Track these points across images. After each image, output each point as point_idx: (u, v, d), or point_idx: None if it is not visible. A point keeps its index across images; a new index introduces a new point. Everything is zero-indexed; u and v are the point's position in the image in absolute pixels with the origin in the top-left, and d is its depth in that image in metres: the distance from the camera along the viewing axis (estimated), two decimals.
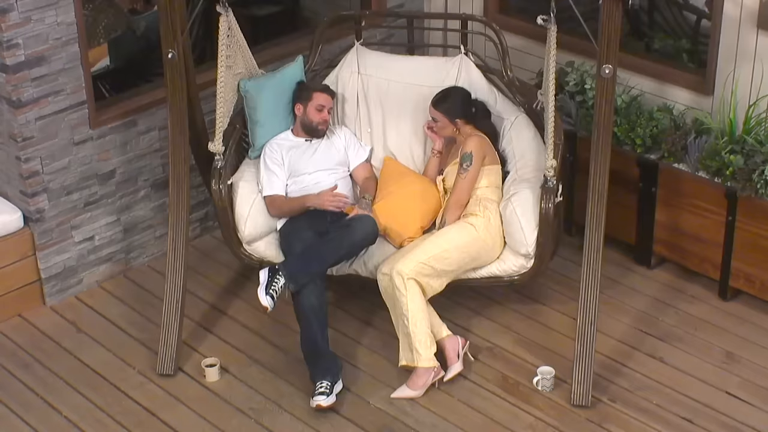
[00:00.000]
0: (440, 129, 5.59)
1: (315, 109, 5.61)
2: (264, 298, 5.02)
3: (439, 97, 5.58)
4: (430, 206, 5.54)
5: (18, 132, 5.47)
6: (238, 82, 5.60)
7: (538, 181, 5.28)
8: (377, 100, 5.92)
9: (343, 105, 5.93)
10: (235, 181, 5.50)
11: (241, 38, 5.53)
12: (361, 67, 5.96)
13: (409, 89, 5.88)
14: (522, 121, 5.71)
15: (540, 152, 5.50)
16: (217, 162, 5.40)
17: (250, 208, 5.46)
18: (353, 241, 5.24)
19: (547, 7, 4.98)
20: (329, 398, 5.06)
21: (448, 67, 5.87)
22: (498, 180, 5.49)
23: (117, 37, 5.55)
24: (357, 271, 5.44)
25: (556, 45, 5.03)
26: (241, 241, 5.52)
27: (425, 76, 5.88)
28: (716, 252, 5.70)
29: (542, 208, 5.16)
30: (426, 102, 5.73)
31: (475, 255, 5.29)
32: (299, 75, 5.77)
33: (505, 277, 5.41)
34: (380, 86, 5.92)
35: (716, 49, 5.76)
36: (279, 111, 5.68)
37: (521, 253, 5.31)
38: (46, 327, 5.71)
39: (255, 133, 5.67)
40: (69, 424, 5.07)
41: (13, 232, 5.66)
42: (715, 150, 5.58)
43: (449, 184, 5.49)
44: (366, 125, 5.92)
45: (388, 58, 6.01)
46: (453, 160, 5.51)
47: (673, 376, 5.29)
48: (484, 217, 5.31)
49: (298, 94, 5.68)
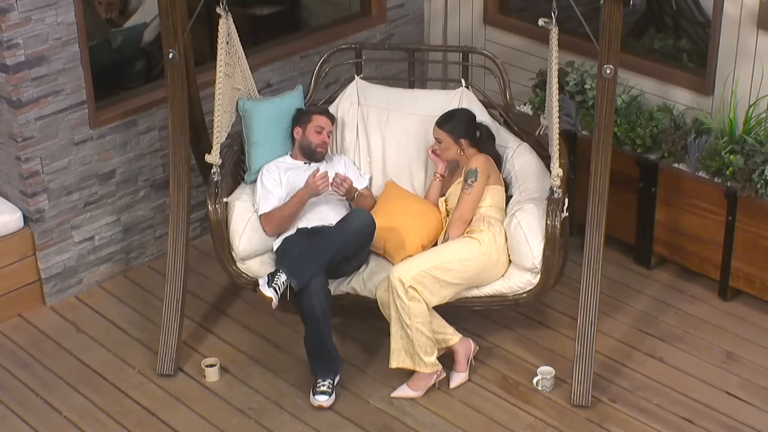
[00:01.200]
0: (444, 150, 5.48)
1: (314, 131, 5.57)
2: (267, 290, 4.93)
3: (444, 118, 5.50)
4: (431, 225, 5.45)
5: (18, 132, 5.47)
6: (236, 100, 5.58)
7: (543, 200, 5.21)
8: (377, 130, 5.86)
9: (342, 134, 5.88)
10: (231, 201, 5.42)
11: (240, 49, 5.50)
12: (361, 98, 5.90)
13: (409, 118, 5.83)
14: (524, 149, 5.64)
15: (543, 177, 5.43)
16: (213, 175, 5.35)
17: (246, 225, 5.36)
18: (349, 232, 5.15)
19: (547, 6, 4.97)
20: (331, 398, 5.10)
21: (449, 98, 5.80)
22: (502, 201, 5.39)
23: (92, 46, 5.62)
24: (355, 289, 5.33)
25: (558, 47, 5.02)
26: (235, 259, 5.40)
27: (425, 106, 5.81)
28: (716, 252, 5.70)
29: (549, 220, 5.08)
30: (427, 131, 5.67)
31: (479, 270, 5.16)
32: (298, 103, 5.74)
33: (510, 295, 5.27)
34: (380, 116, 5.87)
35: (716, 49, 5.76)
36: (277, 135, 5.64)
37: (527, 268, 5.19)
38: (46, 327, 5.71)
39: (252, 155, 5.60)
40: (69, 424, 5.07)
41: (13, 232, 5.66)
42: (715, 150, 5.58)
43: (451, 205, 5.40)
44: (365, 154, 5.86)
45: (388, 91, 5.96)
46: (456, 180, 5.44)
47: (673, 376, 5.29)
48: (489, 232, 5.19)
49: (297, 118, 5.65)
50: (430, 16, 7.10)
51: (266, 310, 5.65)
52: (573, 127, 6.06)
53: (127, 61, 6.61)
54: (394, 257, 5.36)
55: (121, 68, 6.61)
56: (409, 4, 6.95)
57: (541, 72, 6.17)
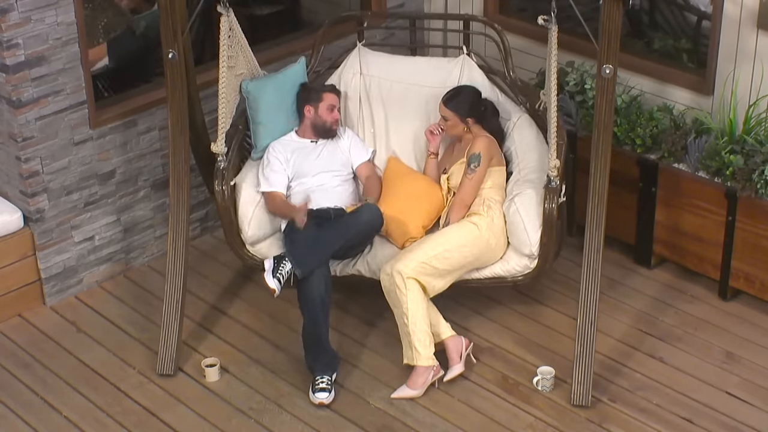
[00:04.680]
0: (450, 128, 5.54)
1: (327, 110, 5.61)
2: (271, 280, 5.01)
3: (449, 95, 5.55)
4: (433, 205, 5.54)
5: (18, 132, 5.47)
6: (240, 83, 5.60)
7: (541, 182, 5.27)
8: (379, 101, 5.91)
9: (345, 106, 5.92)
10: (239, 182, 5.49)
11: (242, 38, 5.53)
12: (363, 68, 5.95)
13: (411, 89, 5.88)
14: (524, 121, 5.70)
15: (542, 152, 5.49)
16: (219, 163, 5.39)
17: (254, 209, 5.44)
18: (358, 225, 5.24)
19: (547, 6, 4.97)
20: (330, 395, 5.12)
21: (451, 67, 5.87)
22: (502, 181, 5.48)
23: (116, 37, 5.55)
24: (360, 271, 5.43)
25: (557, 45, 5.03)
26: (245, 243, 5.50)
27: (427, 76, 5.88)
28: (716, 252, 5.70)
29: (545, 209, 5.15)
30: (428, 102, 5.72)
31: (478, 254, 5.28)
32: (301, 76, 5.76)
33: (508, 278, 5.41)
34: (382, 87, 5.92)
35: (716, 49, 5.76)
36: (282, 111, 5.68)
37: (524, 254, 5.30)
38: (46, 327, 5.71)
39: (257, 133, 5.66)
40: (69, 424, 5.07)
41: (13, 232, 5.66)
42: (715, 150, 5.58)
43: (453, 183, 5.49)
44: (369, 126, 5.91)
45: (390, 59, 6.00)
46: (459, 159, 5.50)
47: (673, 376, 5.29)
48: (487, 217, 5.30)
49: (305, 96, 5.66)
50: None
51: (266, 310, 5.69)
52: (573, 127, 6.06)
53: (152, 46, 6.40)
54: (397, 240, 5.44)
55: (147, 54, 6.48)
56: (409, 5, 6.94)
57: (541, 72, 6.17)
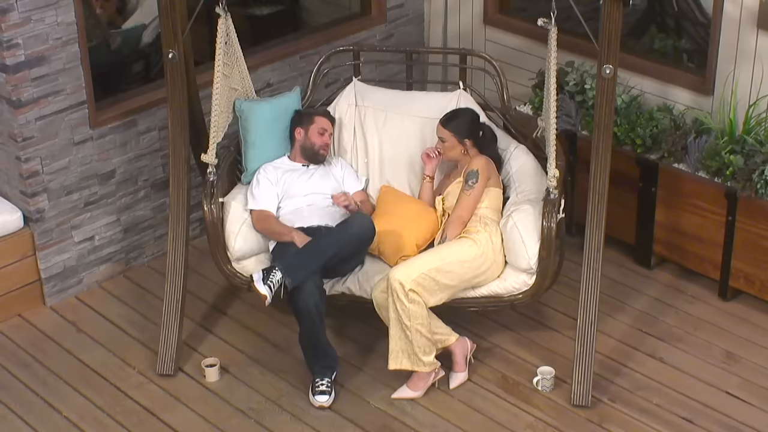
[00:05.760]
0: (447, 150, 5.46)
1: (317, 133, 5.56)
2: (262, 287, 4.93)
3: (448, 116, 5.49)
4: (427, 225, 5.45)
5: (18, 132, 5.47)
6: (234, 101, 5.57)
7: (539, 202, 5.22)
8: (374, 131, 5.85)
9: (340, 136, 5.87)
10: (227, 201, 5.43)
11: (238, 50, 5.50)
12: (358, 100, 5.89)
13: (406, 120, 5.82)
14: (521, 150, 5.63)
15: (540, 178, 5.43)
16: (209, 175, 5.35)
17: (241, 225, 5.37)
18: (350, 233, 5.15)
19: (547, 6, 4.97)
20: (330, 397, 5.11)
21: (447, 101, 5.79)
22: (499, 204, 5.39)
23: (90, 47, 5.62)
24: (350, 289, 5.33)
25: (556, 47, 5.02)
26: (230, 258, 5.40)
27: (423, 108, 5.81)
28: (716, 252, 5.70)
29: (545, 221, 5.07)
30: (424, 133, 5.67)
31: (477, 270, 5.16)
32: (296, 105, 5.72)
33: (506, 296, 5.27)
34: (377, 118, 5.86)
35: (716, 49, 5.76)
36: (274, 136, 5.62)
37: (522, 268, 5.20)
38: (46, 327, 5.71)
39: (248, 156, 5.59)
40: (69, 424, 5.07)
41: (13, 232, 5.66)
42: (715, 150, 5.58)
43: (448, 204, 5.40)
44: (363, 156, 5.85)
45: (386, 92, 5.96)
46: (455, 180, 5.44)
47: (673, 376, 5.29)
48: (485, 233, 5.20)
49: (297, 119, 5.62)
50: (429, 16, 7.10)
51: (266, 310, 5.67)
52: (573, 127, 6.06)
53: (126, 62, 6.58)
54: (390, 258, 5.37)
55: (119, 69, 6.58)
56: (409, 4, 6.95)
57: (541, 72, 6.17)
